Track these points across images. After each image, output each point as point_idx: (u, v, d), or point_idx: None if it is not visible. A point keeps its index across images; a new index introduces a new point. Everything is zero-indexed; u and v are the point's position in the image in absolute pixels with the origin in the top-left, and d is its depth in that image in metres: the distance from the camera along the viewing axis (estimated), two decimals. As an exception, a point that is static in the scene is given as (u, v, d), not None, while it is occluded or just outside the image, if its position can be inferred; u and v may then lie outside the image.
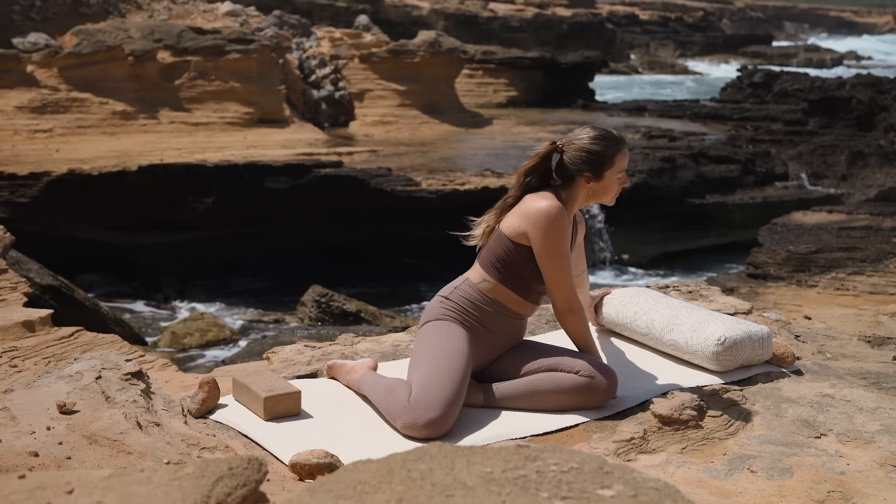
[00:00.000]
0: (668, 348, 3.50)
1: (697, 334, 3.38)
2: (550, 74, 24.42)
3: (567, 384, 3.06)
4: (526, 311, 3.22)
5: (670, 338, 3.47)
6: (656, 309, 3.57)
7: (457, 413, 2.93)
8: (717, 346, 3.32)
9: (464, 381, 2.98)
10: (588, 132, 3.16)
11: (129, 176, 14.81)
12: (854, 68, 39.23)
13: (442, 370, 2.96)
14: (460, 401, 2.95)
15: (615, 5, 49.84)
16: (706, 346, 3.34)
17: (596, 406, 3.08)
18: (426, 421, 2.85)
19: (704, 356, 3.36)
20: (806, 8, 71.57)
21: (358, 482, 1.33)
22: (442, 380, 2.93)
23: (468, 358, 3.04)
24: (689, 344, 3.40)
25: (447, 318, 3.13)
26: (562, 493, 1.30)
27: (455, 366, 2.98)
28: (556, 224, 3.02)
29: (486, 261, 3.15)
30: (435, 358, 3.01)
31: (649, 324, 3.55)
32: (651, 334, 3.55)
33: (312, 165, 15.66)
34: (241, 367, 3.79)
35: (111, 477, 1.42)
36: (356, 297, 13.10)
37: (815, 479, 2.68)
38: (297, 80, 20.40)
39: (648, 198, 16.75)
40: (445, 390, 2.91)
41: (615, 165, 3.13)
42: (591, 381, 3.05)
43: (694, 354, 3.40)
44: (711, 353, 3.33)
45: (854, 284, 11.36)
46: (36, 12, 21.58)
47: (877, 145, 18.92)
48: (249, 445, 2.83)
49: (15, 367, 3.68)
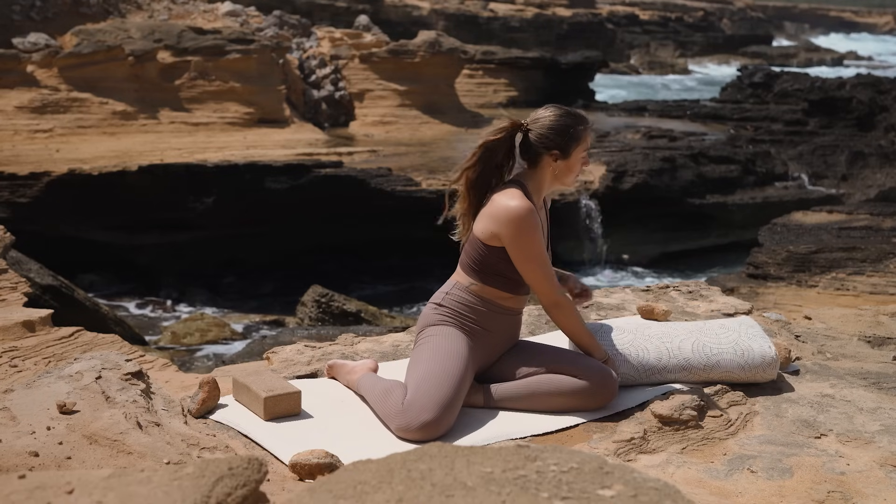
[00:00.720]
0: (715, 374, 3.28)
1: (746, 356, 3.26)
2: (550, 74, 24.42)
3: (566, 386, 3.03)
4: (519, 305, 3.20)
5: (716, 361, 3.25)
6: (664, 342, 3.29)
7: (453, 416, 2.90)
8: (772, 358, 3.27)
9: (461, 384, 2.95)
10: (553, 110, 3.11)
11: (129, 176, 14.81)
12: (854, 67, 39.24)
13: (438, 373, 2.93)
14: (457, 404, 2.92)
15: (615, 5, 49.82)
16: (764, 362, 3.27)
17: (595, 408, 3.05)
18: (419, 424, 2.83)
19: (764, 371, 3.29)
20: (806, 8, 71.56)
21: (358, 482, 1.33)
22: (438, 382, 2.90)
23: (467, 360, 3.02)
24: (745, 367, 3.27)
25: (444, 324, 3.10)
26: (562, 493, 1.30)
27: (452, 368, 2.96)
28: (527, 224, 2.96)
29: (465, 265, 3.12)
30: (432, 360, 2.98)
31: (683, 361, 3.25)
32: (690, 367, 3.25)
33: (312, 165, 15.67)
34: (241, 367, 3.79)
35: (111, 477, 1.42)
36: (359, 297, 13.11)
37: (815, 479, 2.68)
38: (297, 80, 20.41)
39: (648, 198, 16.76)
40: (441, 393, 2.88)
41: (582, 142, 3.09)
42: (590, 384, 3.02)
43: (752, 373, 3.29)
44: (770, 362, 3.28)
45: (854, 284, 11.36)
46: (36, 12, 21.57)
47: (877, 145, 18.92)
48: (249, 445, 2.83)
49: (15, 367, 3.68)
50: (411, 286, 15.10)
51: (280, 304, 14.06)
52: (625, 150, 17.70)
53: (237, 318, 13.65)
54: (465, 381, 2.98)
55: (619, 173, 16.79)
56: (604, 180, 16.60)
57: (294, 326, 12.14)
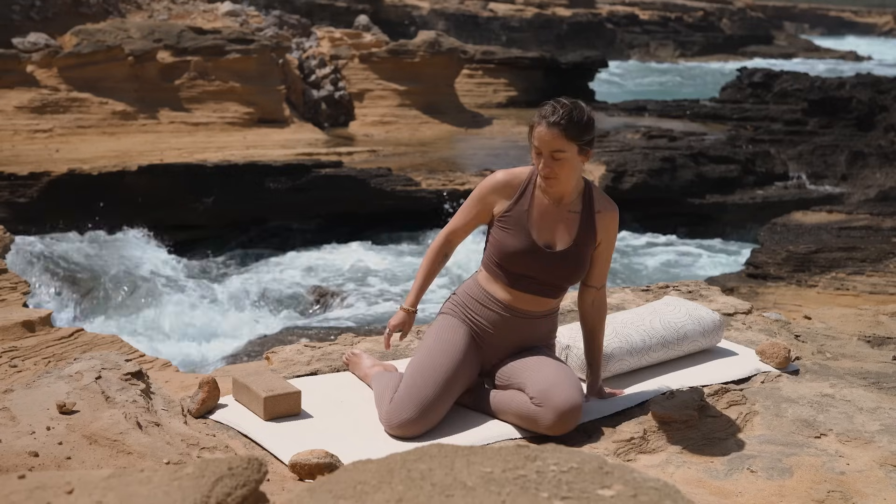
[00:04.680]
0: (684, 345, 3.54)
1: (702, 323, 3.56)
2: (550, 74, 24.42)
3: (516, 407, 2.95)
4: (516, 303, 3.03)
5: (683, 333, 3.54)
6: (630, 326, 3.48)
7: (436, 415, 2.91)
8: (720, 321, 3.63)
9: (450, 382, 2.94)
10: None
11: (129, 176, 14.81)
12: (850, 62, 39.23)
13: (428, 367, 2.95)
14: (442, 402, 2.92)
15: (615, 5, 49.83)
16: (715, 325, 3.60)
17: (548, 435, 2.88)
18: (399, 422, 2.86)
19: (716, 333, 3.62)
20: (806, 8, 71.52)
21: (358, 482, 1.33)
22: (424, 381, 2.91)
23: (461, 356, 3.01)
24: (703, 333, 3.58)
25: (451, 314, 3.12)
26: (562, 493, 1.30)
27: (443, 365, 2.96)
28: (481, 184, 3.08)
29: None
30: (427, 353, 3.01)
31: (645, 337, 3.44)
32: (667, 343, 3.46)
33: (312, 165, 15.67)
34: (241, 367, 3.79)
35: (111, 477, 1.42)
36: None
37: (815, 479, 2.68)
38: (297, 80, 20.40)
39: (648, 198, 16.76)
40: (424, 393, 2.89)
41: (532, 138, 2.94)
42: (538, 410, 2.88)
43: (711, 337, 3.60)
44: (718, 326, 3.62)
45: (854, 284, 11.35)
46: (36, 12, 21.58)
47: (877, 145, 18.91)
48: (249, 445, 2.83)
49: (15, 367, 3.68)
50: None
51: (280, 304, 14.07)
52: (624, 150, 17.70)
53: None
54: (455, 378, 2.97)
55: (619, 173, 16.79)
56: (603, 180, 16.60)
57: (294, 327, 12.12)
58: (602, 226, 3.04)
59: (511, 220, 3.00)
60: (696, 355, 3.57)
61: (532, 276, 3.02)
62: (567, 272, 3.02)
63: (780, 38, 57.33)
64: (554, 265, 3.00)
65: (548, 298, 3.07)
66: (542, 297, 3.06)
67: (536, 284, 3.03)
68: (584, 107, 2.95)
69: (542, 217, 3.00)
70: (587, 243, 3.02)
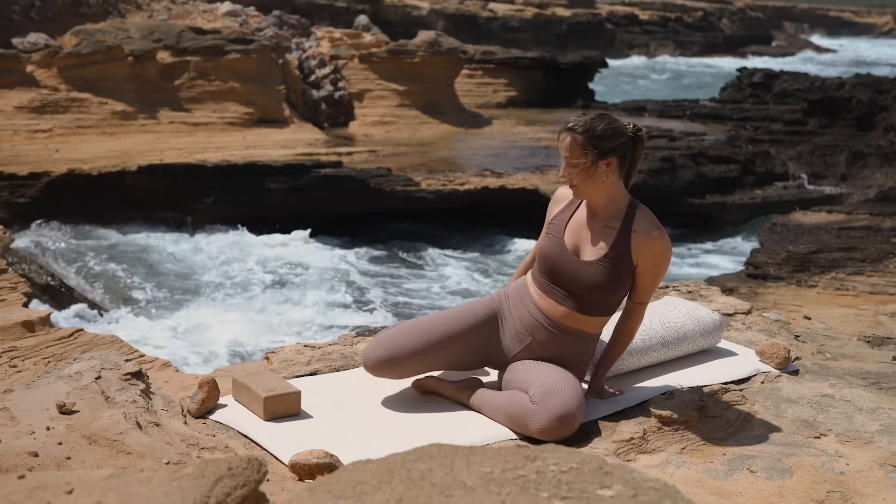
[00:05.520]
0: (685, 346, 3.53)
1: (702, 324, 3.55)
2: (550, 74, 24.43)
3: (513, 406, 2.93)
4: (548, 310, 3.04)
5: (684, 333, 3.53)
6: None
7: (408, 365, 3.04)
8: (720, 321, 3.61)
9: (440, 342, 3.04)
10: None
11: (128, 176, 14.82)
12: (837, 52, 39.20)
13: (427, 323, 3.09)
14: (418, 357, 3.02)
15: (615, 5, 49.84)
16: (715, 325, 3.59)
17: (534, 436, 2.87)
18: (366, 357, 3.05)
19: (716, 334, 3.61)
20: (806, 8, 71.53)
21: (358, 482, 1.33)
22: (417, 330, 3.06)
23: (469, 328, 3.09)
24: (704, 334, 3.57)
25: (492, 298, 3.21)
26: (562, 493, 1.30)
27: (444, 325, 3.07)
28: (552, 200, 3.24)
29: None
30: (441, 313, 3.18)
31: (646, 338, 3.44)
32: (666, 343, 3.46)
33: (312, 165, 15.68)
34: (241, 367, 3.79)
35: (111, 477, 1.42)
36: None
37: (815, 479, 2.68)
38: (296, 80, 20.41)
39: (648, 198, 16.74)
40: (406, 340, 3.02)
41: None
42: (534, 409, 2.86)
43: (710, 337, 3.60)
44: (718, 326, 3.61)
45: (854, 284, 11.36)
46: (36, 12, 21.58)
47: (877, 145, 18.91)
48: (249, 445, 2.83)
49: (15, 367, 3.68)
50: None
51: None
52: (624, 150, 17.71)
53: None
54: (447, 343, 3.06)
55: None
56: (603, 180, 16.60)
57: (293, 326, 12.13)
58: (638, 247, 2.97)
59: (553, 225, 3.13)
60: (695, 355, 3.56)
61: (561, 285, 3.03)
62: (592, 284, 2.99)
63: (780, 38, 57.39)
64: (580, 274, 2.99)
65: (577, 313, 3.04)
66: (572, 311, 3.04)
67: (566, 294, 3.03)
68: (609, 118, 2.97)
69: (579, 226, 3.06)
70: (617, 261, 2.97)
